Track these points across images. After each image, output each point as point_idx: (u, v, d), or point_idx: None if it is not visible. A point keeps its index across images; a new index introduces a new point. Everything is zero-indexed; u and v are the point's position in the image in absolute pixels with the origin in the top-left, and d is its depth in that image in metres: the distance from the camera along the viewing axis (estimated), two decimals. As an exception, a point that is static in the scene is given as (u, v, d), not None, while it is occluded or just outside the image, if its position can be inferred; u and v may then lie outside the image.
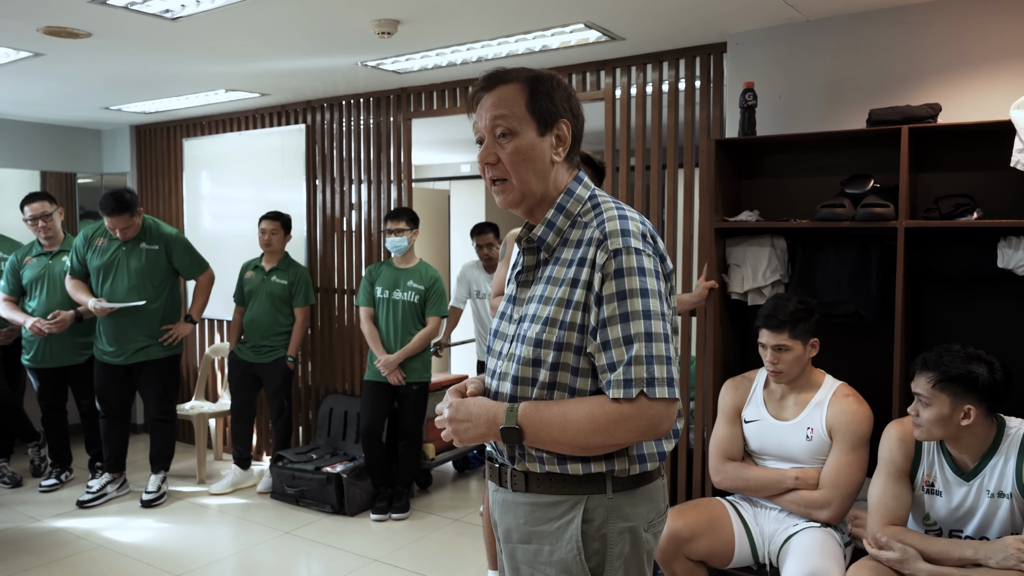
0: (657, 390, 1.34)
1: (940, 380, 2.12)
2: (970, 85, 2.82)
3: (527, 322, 1.48)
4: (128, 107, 5.10)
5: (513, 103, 1.46)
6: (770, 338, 2.59)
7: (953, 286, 2.85)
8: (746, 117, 3.04)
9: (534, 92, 1.46)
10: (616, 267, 1.38)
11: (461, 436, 1.46)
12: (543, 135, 1.47)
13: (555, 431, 1.38)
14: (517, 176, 1.47)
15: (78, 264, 4.30)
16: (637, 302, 1.37)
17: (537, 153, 1.47)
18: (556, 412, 1.39)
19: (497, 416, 1.41)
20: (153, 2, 2.89)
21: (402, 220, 4.20)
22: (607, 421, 1.35)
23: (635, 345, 1.35)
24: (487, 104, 1.48)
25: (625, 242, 1.40)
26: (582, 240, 1.45)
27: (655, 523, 1.51)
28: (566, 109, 1.49)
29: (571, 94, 1.51)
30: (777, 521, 2.60)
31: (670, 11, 3.01)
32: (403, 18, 3.11)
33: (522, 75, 1.48)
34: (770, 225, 2.99)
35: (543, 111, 1.46)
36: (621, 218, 1.44)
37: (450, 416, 1.46)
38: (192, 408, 5.03)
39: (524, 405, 1.41)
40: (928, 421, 2.16)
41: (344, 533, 3.97)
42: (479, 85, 1.50)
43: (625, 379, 1.34)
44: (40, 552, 3.70)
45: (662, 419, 1.36)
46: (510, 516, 1.53)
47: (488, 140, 1.48)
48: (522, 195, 1.49)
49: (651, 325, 1.36)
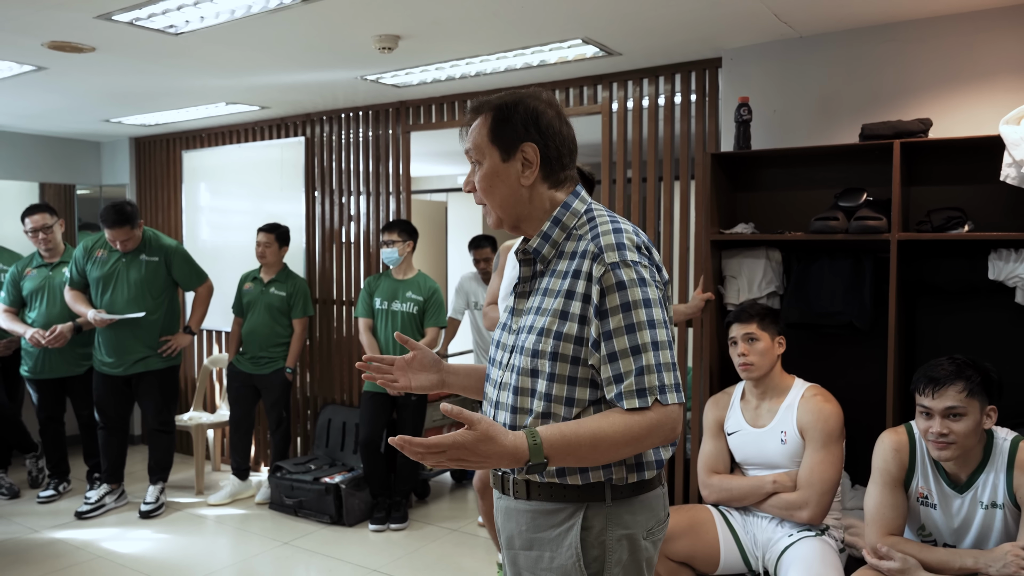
0: (669, 396, 1.39)
1: (971, 388, 2.13)
2: (961, 100, 2.87)
3: (524, 333, 1.52)
4: (128, 119, 5.13)
5: (478, 134, 1.54)
6: (739, 329, 2.70)
7: (945, 297, 2.90)
8: (741, 131, 3.08)
9: (496, 120, 1.53)
10: (616, 280, 1.42)
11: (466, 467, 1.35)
12: (506, 160, 1.52)
13: (584, 451, 1.36)
14: (489, 201, 1.56)
15: (77, 275, 4.32)
16: (641, 312, 1.41)
17: (502, 179, 1.53)
18: (584, 434, 1.35)
19: (519, 452, 1.31)
20: (157, 18, 2.92)
21: (394, 232, 4.23)
22: (640, 431, 1.37)
23: (643, 355, 1.39)
24: (467, 134, 1.57)
25: (621, 255, 1.44)
26: (576, 252, 1.49)
27: (654, 531, 1.54)
28: (531, 132, 1.51)
29: (538, 116, 1.52)
30: (769, 530, 2.63)
31: (666, 27, 3.06)
32: (404, 33, 3.15)
33: (489, 105, 1.55)
34: (765, 237, 3.03)
35: (503, 138, 1.52)
36: (616, 231, 1.48)
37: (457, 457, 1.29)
38: (190, 419, 5.04)
39: (547, 435, 1.33)
40: (963, 434, 2.12)
41: (342, 544, 3.98)
42: (466, 116, 1.60)
43: (638, 389, 1.38)
44: (38, 563, 3.70)
45: (677, 422, 1.41)
46: (512, 523, 1.56)
47: (471, 168, 1.58)
48: (498, 218, 1.57)
49: (656, 334, 1.41)
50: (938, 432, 2.14)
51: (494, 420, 1.54)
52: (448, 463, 1.29)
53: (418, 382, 1.69)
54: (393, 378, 1.68)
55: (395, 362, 1.68)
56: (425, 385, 1.69)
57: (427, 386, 1.70)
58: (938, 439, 2.15)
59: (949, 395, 2.13)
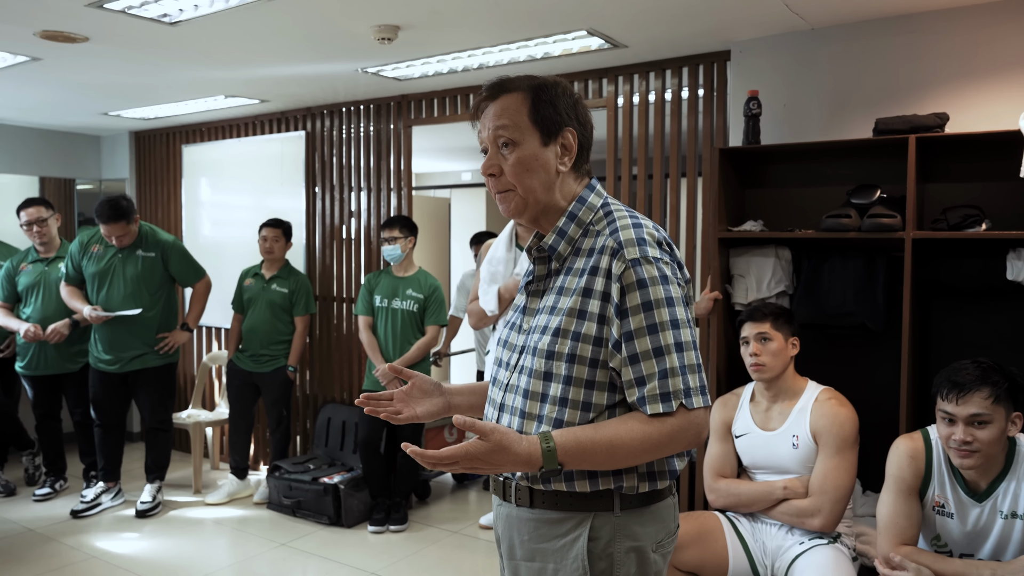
0: (694, 400, 1.33)
1: (997, 394, 2.03)
2: (978, 94, 2.78)
3: (537, 333, 1.44)
4: (127, 113, 5.07)
5: (515, 113, 1.42)
6: (752, 328, 2.61)
7: (961, 298, 2.82)
8: (750, 126, 3.01)
9: (537, 101, 1.42)
10: (637, 278, 1.34)
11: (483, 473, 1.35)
12: (547, 145, 1.43)
13: (600, 458, 1.32)
14: (521, 186, 1.44)
15: (73, 271, 4.26)
16: (664, 312, 1.34)
17: (541, 163, 1.43)
18: (601, 440, 1.31)
19: (533, 458, 1.29)
20: (151, 6, 2.86)
21: (395, 228, 4.16)
22: (660, 438, 1.31)
23: (667, 357, 1.32)
24: (490, 114, 1.44)
25: (643, 251, 1.36)
26: (594, 249, 1.41)
27: (664, 543, 1.46)
28: (571, 117, 1.45)
29: (577, 101, 1.47)
30: (779, 538, 2.56)
31: (673, 18, 2.98)
32: (403, 24, 3.07)
33: (525, 84, 1.44)
34: (774, 235, 2.96)
35: (546, 120, 1.42)
36: (635, 226, 1.40)
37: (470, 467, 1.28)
38: (189, 417, 4.98)
39: (561, 441, 1.30)
40: (988, 442, 2.03)
41: (341, 545, 3.91)
42: (482, 95, 1.46)
43: (662, 393, 1.31)
44: (33, 562, 3.65)
45: (703, 427, 1.34)
46: (514, 532, 1.49)
47: (491, 151, 1.45)
48: (525, 204, 1.45)
49: (680, 335, 1.34)
50: (961, 440, 2.04)
51: (498, 423, 1.49)
52: (461, 471, 1.29)
53: (423, 409, 1.59)
54: (396, 410, 1.58)
55: (394, 396, 1.59)
56: (432, 411, 1.60)
57: (434, 412, 1.61)
58: (961, 447, 2.05)
59: (974, 401, 2.03)
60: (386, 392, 1.59)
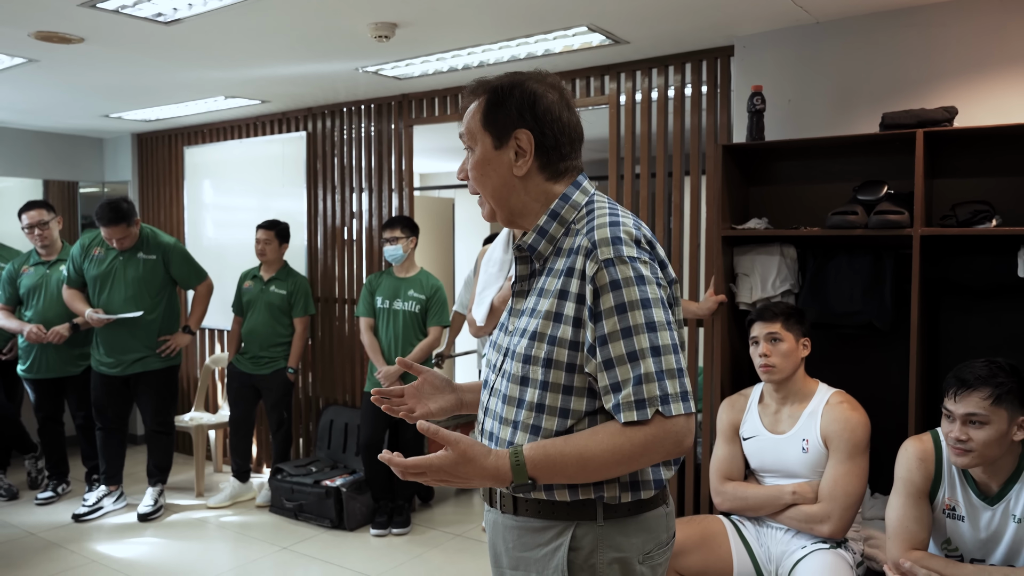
0: (672, 407, 1.25)
1: (998, 395, 1.97)
2: (988, 88, 2.72)
3: (517, 336, 1.40)
4: (128, 115, 5.06)
5: (472, 118, 1.43)
6: (762, 328, 2.56)
7: (971, 296, 2.76)
8: (754, 122, 2.95)
9: (490, 104, 1.40)
10: (611, 279, 1.29)
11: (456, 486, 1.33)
12: (499, 148, 1.40)
13: (572, 471, 1.28)
14: (481, 190, 1.44)
15: (75, 273, 4.24)
16: (639, 314, 1.27)
17: (493, 166, 1.41)
18: (570, 453, 1.27)
19: (501, 472, 1.26)
20: (144, 6, 2.82)
21: (397, 228, 4.12)
22: (632, 449, 1.25)
23: (642, 362, 1.26)
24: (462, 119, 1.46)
25: (616, 251, 1.30)
26: (572, 248, 1.36)
27: (653, 555, 1.40)
28: (526, 118, 1.38)
29: (535, 101, 1.39)
30: (784, 542, 2.50)
31: (675, 13, 2.93)
32: (400, 21, 3.03)
33: (486, 87, 1.42)
34: (780, 233, 2.91)
35: (497, 123, 1.39)
36: (612, 224, 1.34)
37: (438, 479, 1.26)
38: (191, 419, 4.96)
39: (531, 455, 1.27)
40: (983, 443, 1.98)
41: (343, 549, 3.88)
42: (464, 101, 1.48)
43: (636, 400, 1.25)
44: (35, 567, 3.63)
45: (684, 435, 1.27)
46: (499, 539, 1.46)
47: (466, 156, 1.46)
48: (491, 209, 1.45)
49: (657, 338, 1.27)
50: (956, 437, 2.01)
51: (482, 427, 1.47)
52: (432, 483, 1.26)
53: (436, 405, 1.57)
54: (410, 408, 1.56)
55: (404, 392, 1.56)
56: (444, 407, 1.58)
57: (446, 408, 1.58)
58: (955, 444, 2.02)
59: (972, 401, 1.99)
60: (397, 388, 1.56)
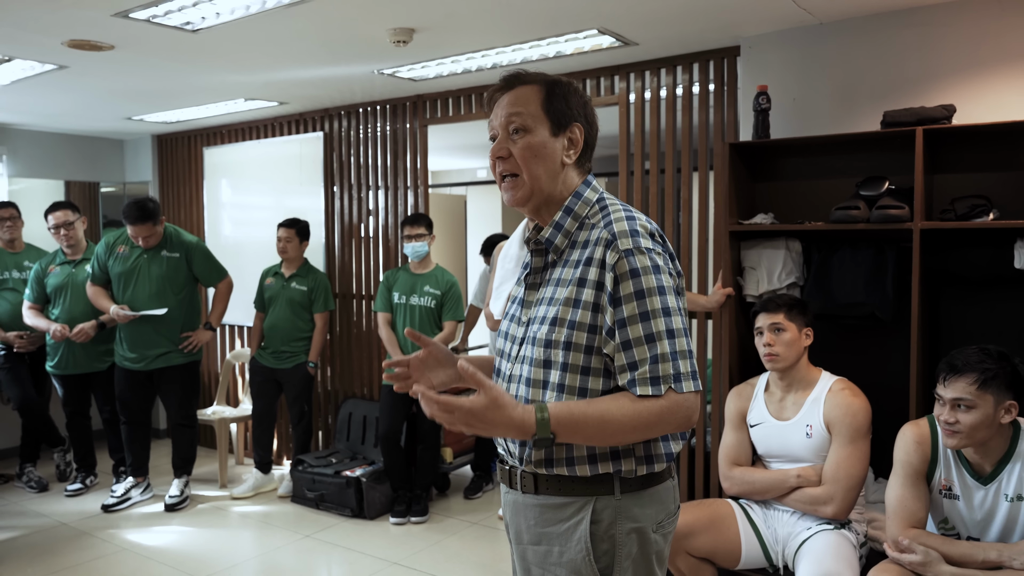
0: (684, 384, 1.38)
1: (984, 380, 2.09)
2: (985, 86, 2.81)
3: (536, 324, 1.50)
4: (150, 117, 5.18)
5: (529, 102, 1.50)
6: (766, 319, 2.66)
7: (970, 287, 2.84)
8: (760, 120, 3.04)
9: (551, 94, 1.50)
10: (630, 267, 1.40)
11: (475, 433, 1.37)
12: (556, 135, 1.50)
13: (591, 431, 1.38)
14: (528, 171, 1.50)
15: (99, 271, 4.36)
16: (656, 300, 1.40)
17: (548, 151, 1.50)
18: (593, 414, 1.37)
19: (526, 424, 1.33)
20: (174, 15, 2.94)
21: (421, 225, 4.24)
22: (649, 416, 1.37)
23: (658, 343, 1.38)
24: (504, 103, 1.52)
25: (635, 242, 1.43)
26: (589, 240, 1.48)
27: (664, 524, 1.52)
28: (580, 114, 1.53)
29: (587, 102, 1.55)
30: (790, 524, 2.61)
31: (683, 16, 3.03)
32: (418, 26, 3.14)
33: (540, 78, 1.53)
34: (785, 228, 2.99)
35: (557, 112, 1.50)
36: (629, 219, 1.47)
37: (465, 421, 1.31)
38: (214, 413, 5.09)
39: (555, 411, 1.35)
40: (971, 426, 2.09)
41: (364, 536, 4.00)
42: (498, 85, 1.54)
43: (652, 376, 1.37)
44: (66, 555, 3.77)
45: (692, 410, 1.40)
46: (520, 518, 1.55)
47: (502, 135, 1.52)
48: (531, 191, 1.51)
49: (671, 322, 1.40)
50: (945, 420, 2.13)
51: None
52: (458, 425, 1.31)
53: (438, 379, 1.63)
54: (413, 380, 1.61)
55: (411, 362, 1.63)
56: (445, 381, 1.64)
57: (447, 381, 1.65)
58: (946, 427, 2.14)
59: (959, 386, 2.11)
60: (404, 358, 1.61)
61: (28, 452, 4.86)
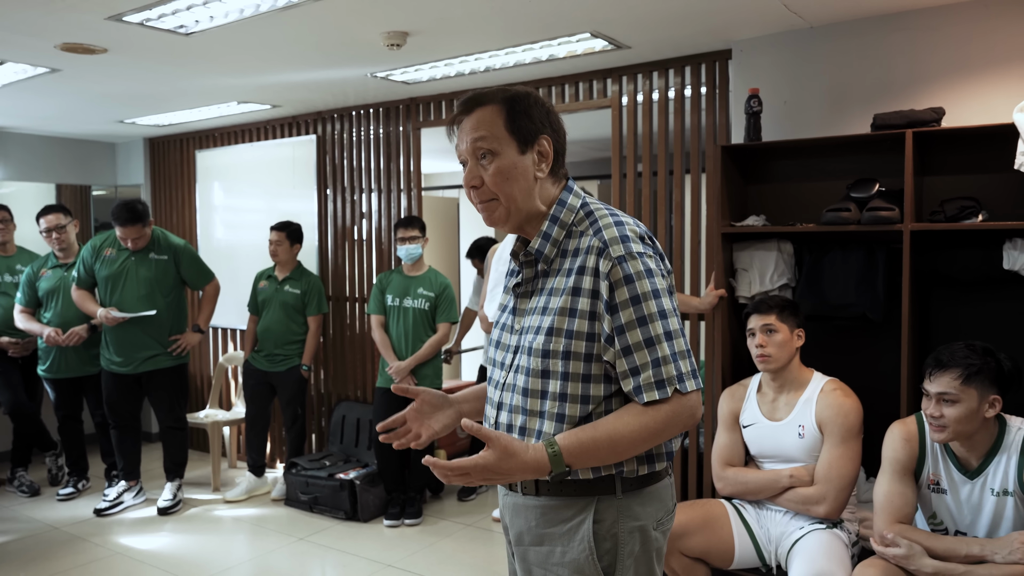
0: (687, 384, 1.41)
1: (967, 375, 2.13)
2: (974, 89, 2.84)
3: (530, 334, 1.50)
4: (142, 120, 5.17)
5: (493, 123, 1.48)
6: (758, 320, 2.68)
7: (959, 288, 2.87)
8: (751, 123, 3.07)
9: (512, 111, 1.48)
10: (624, 273, 1.42)
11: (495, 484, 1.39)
12: (524, 152, 1.49)
13: (604, 453, 1.40)
14: (503, 194, 1.49)
15: (84, 274, 4.33)
16: (652, 304, 1.41)
17: (520, 171, 1.49)
18: (602, 437, 1.39)
19: (540, 464, 1.36)
20: (167, 18, 2.95)
21: (415, 228, 4.25)
22: (656, 425, 1.39)
23: (658, 346, 1.40)
24: (467, 127, 1.50)
25: (627, 248, 1.44)
26: (579, 249, 1.48)
27: (664, 521, 1.54)
28: (545, 125, 1.51)
29: (549, 110, 1.53)
30: (783, 524, 2.62)
31: (675, 19, 3.05)
32: (412, 30, 3.16)
33: (498, 96, 1.50)
34: (777, 229, 3.02)
35: (522, 129, 1.49)
36: (617, 224, 1.48)
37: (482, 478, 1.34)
38: (207, 416, 5.08)
39: (565, 444, 1.37)
40: (955, 419, 2.14)
41: (358, 539, 4.00)
42: (457, 110, 1.52)
43: (656, 381, 1.39)
44: (59, 559, 3.75)
45: (697, 408, 1.43)
46: (521, 519, 1.55)
47: (471, 163, 1.51)
48: (508, 212, 1.51)
49: (668, 324, 1.42)
50: (931, 414, 2.19)
51: (496, 421, 1.56)
52: (476, 483, 1.35)
53: (439, 424, 1.61)
54: (416, 434, 1.59)
55: (407, 415, 1.59)
56: (446, 423, 1.62)
57: (448, 424, 1.62)
58: (931, 421, 2.19)
59: (943, 380, 2.16)
60: (399, 415, 1.59)
61: (20, 456, 4.84)
